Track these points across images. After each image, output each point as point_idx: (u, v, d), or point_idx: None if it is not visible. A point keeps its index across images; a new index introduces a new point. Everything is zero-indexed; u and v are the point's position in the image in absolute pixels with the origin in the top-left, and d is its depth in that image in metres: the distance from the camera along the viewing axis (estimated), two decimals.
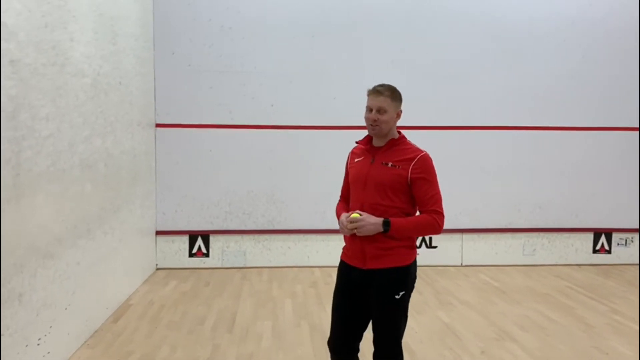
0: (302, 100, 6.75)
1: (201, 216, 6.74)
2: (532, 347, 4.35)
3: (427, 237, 6.99)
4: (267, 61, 6.71)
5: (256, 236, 6.84)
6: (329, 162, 6.34)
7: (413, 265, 2.82)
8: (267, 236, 6.86)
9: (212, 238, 6.79)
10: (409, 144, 2.89)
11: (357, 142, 3.02)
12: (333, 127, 6.71)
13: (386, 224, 2.67)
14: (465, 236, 7.04)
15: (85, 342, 4.34)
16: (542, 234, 7.11)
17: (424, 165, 2.78)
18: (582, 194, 7.08)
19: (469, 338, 4.54)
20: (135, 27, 5.74)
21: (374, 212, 2.74)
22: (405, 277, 2.78)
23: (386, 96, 2.84)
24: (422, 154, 2.82)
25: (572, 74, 6.98)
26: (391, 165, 2.79)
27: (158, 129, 6.62)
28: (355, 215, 2.71)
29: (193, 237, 6.77)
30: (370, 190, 2.78)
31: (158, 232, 6.68)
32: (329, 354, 4.15)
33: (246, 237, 6.83)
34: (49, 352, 3.69)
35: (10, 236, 3.17)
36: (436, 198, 2.75)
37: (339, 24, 6.75)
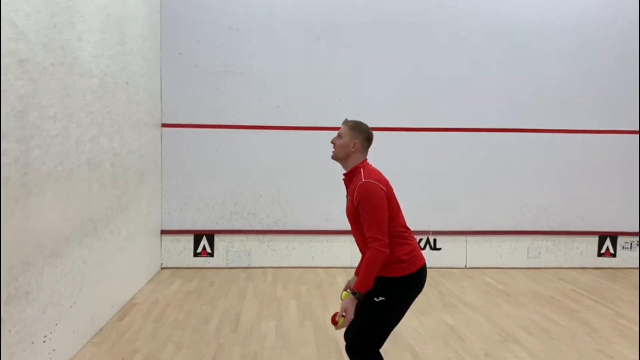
0: (307, 101, 6.76)
1: (206, 216, 6.76)
2: (537, 350, 4.35)
3: (431, 240, 6.99)
4: (273, 62, 6.73)
5: (261, 236, 6.86)
6: (334, 163, 6.33)
7: (402, 280, 2.88)
8: (271, 237, 6.88)
9: (217, 238, 6.82)
10: (360, 173, 2.93)
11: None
12: (338, 128, 6.69)
13: (355, 295, 2.80)
14: (470, 238, 7.04)
15: (90, 340, 4.37)
16: (547, 236, 7.10)
17: (360, 194, 2.84)
18: (588, 197, 7.07)
19: (473, 340, 4.54)
20: (142, 27, 5.77)
21: (359, 241, 2.99)
22: (389, 286, 2.86)
23: (346, 125, 3.07)
24: (360, 182, 2.87)
25: (579, 77, 6.97)
26: (350, 199, 2.95)
27: (164, 129, 6.65)
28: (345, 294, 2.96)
29: (198, 236, 6.79)
30: (351, 224, 3.01)
31: (163, 232, 6.71)
32: (332, 355, 4.18)
33: (251, 237, 6.85)
34: (54, 350, 3.71)
35: (18, 234, 3.19)
36: (369, 224, 2.80)
37: (344, 26, 6.76)
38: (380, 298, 2.83)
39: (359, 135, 3.03)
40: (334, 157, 3.09)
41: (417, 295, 2.98)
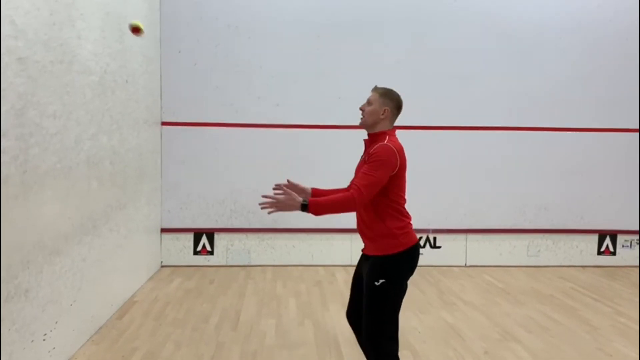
0: (307, 99, 6.76)
1: (206, 214, 6.76)
2: (536, 349, 4.35)
3: (431, 238, 6.99)
4: (273, 60, 6.72)
5: (261, 235, 6.86)
6: (334, 161, 6.36)
7: (398, 257, 2.89)
8: (271, 235, 6.88)
9: (216, 236, 6.82)
10: (385, 137, 2.93)
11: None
12: (338, 127, 6.72)
13: (304, 206, 2.76)
14: (470, 237, 7.04)
15: (90, 338, 4.37)
16: (546, 235, 7.10)
17: (375, 151, 2.83)
18: (587, 195, 7.07)
19: (472, 339, 4.54)
20: (142, 25, 5.75)
21: (365, 210, 2.94)
22: (386, 266, 2.86)
23: (376, 92, 3.03)
24: (382, 143, 2.87)
25: (579, 75, 6.96)
26: (365, 159, 2.94)
27: (164, 127, 6.65)
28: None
29: (198, 235, 6.79)
30: None
31: (163, 230, 6.71)
32: (332, 353, 4.18)
33: (251, 235, 6.85)
34: (54, 348, 3.71)
35: (17, 232, 3.19)
36: (364, 176, 2.79)
37: (345, 24, 6.75)
38: (381, 281, 2.84)
39: (389, 102, 3.01)
40: (363, 124, 3.03)
41: (412, 274, 2.99)
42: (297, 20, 6.72)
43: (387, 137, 2.93)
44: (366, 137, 3.07)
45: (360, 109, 3.03)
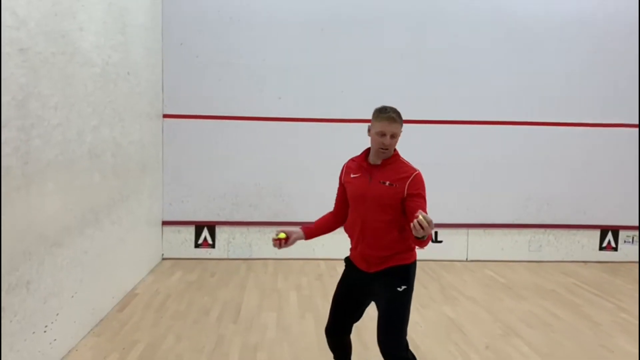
0: (309, 93, 6.73)
1: (208, 207, 6.75)
2: (538, 344, 4.35)
3: (432, 232, 6.96)
4: (275, 54, 6.70)
5: (262, 228, 6.85)
6: (336, 155, 6.30)
7: (413, 265, 3.03)
8: (273, 228, 6.83)
9: (218, 229, 6.81)
10: (403, 162, 3.01)
11: (352, 159, 3.16)
12: (340, 120, 6.69)
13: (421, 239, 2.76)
14: (472, 231, 7.03)
15: (91, 330, 4.38)
16: (548, 230, 7.08)
17: (419, 184, 2.92)
18: (590, 190, 7.05)
19: (474, 333, 4.54)
20: (144, 17, 5.74)
21: (375, 226, 2.93)
22: (407, 273, 2.99)
23: (399, 123, 2.95)
24: (416, 172, 2.95)
25: (583, 70, 6.93)
26: (389, 184, 2.91)
27: (166, 119, 6.63)
28: (282, 235, 3.06)
29: (199, 228, 6.79)
30: (371, 206, 2.94)
31: (164, 223, 6.71)
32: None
33: (252, 229, 6.85)
34: (55, 340, 3.72)
35: (19, 224, 3.19)
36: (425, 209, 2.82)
37: (348, 18, 6.72)
38: (403, 287, 2.94)
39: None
40: (387, 156, 2.97)
41: None
42: (299, 14, 6.69)
43: (403, 159, 3.03)
44: (356, 158, 3.11)
45: (387, 144, 2.90)
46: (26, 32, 3.25)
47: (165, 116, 6.62)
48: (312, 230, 3.31)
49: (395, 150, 3.01)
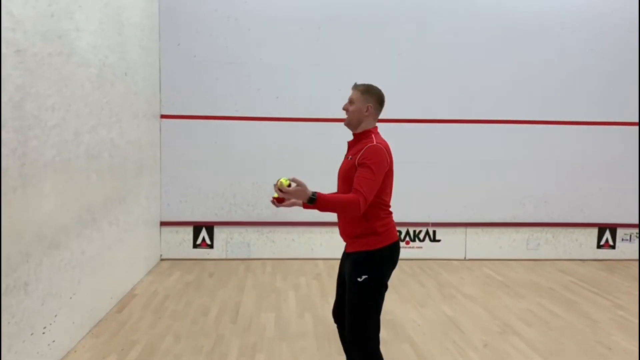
0: (307, 92, 6.73)
1: (206, 207, 6.75)
2: (536, 341, 4.35)
3: (430, 231, 6.99)
4: (272, 53, 6.69)
5: (260, 228, 6.85)
6: (334, 154, 6.31)
7: (381, 252, 2.90)
8: (271, 228, 6.87)
9: (216, 229, 6.81)
10: (371, 137, 2.92)
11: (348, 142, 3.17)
12: (338, 120, 6.63)
13: (311, 199, 2.72)
14: (470, 230, 7.04)
15: (89, 331, 4.37)
16: (546, 228, 7.10)
17: (368, 153, 2.82)
18: (588, 188, 7.06)
19: (472, 331, 4.54)
20: (141, 17, 5.73)
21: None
22: (368, 261, 2.87)
23: (357, 90, 3.02)
24: (371, 144, 2.86)
25: (580, 68, 6.94)
26: (350, 158, 2.94)
27: (163, 120, 6.62)
28: (283, 181, 2.74)
29: (197, 228, 6.79)
30: (339, 180, 3.04)
31: (162, 223, 6.70)
32: (332, 346, 4.18)
33: (250, 228, 6.85)
34: (54, 341, 3.71)
35: (16, 225, 3.18)
36: (365, 181, 2.77)
37: (345, 16, 6.72)
38: (364, 277, 2.85)
39: (371, 98, 3.00)
40: (347, 124, 3.05)
41: (393, 270, 3.00)
42: (297, 12, 6.68)
43: (373, 135, 2.93)
44: (350, 139, 3.08)
45: (344, 108, 3.04)
46: (22, 33, 3.24)
47: (162, 116, 6.62)
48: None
49: (371, 129, 2.99)
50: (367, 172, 2.78)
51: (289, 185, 2.73)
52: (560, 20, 6.87)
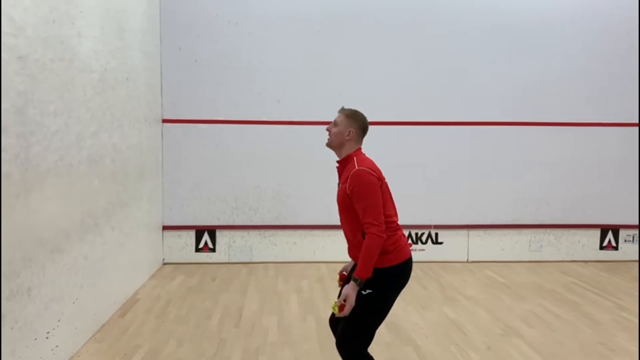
0: (308, 95, 6.74)
1: (208, 211, 6.76)
2: (538, 343, 4.35)
3: (433, 234, 6.99)
4: (273, 56, 6.71)
5: (262, 231, 6.86)
6: (335, 157, 6.32)
7: (387, 271, 2.88)
8: (273, 231, 6.88)
9: (218, 233, 6.82)
10: (353, 162, 2.94)
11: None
12: None
13: (358, 282, 2.77)
14: (472, 232, 7.04)
15: (93, 335, 4.38)
16: (548, 230, 7.09)
17: (353, 182, 2.84)
18: (590, 190, 7.05)
19: (474, 333, 4.54)
20: (142, 22, 5.75)
21: (344, 227, 3.01)
22: (376, 277, 2.84)
23: (343, 113, 3.10)
24: (353, 170, 2.87)
25: (580, 69, 6.94)
26: (341, 186, 2.96)
27: (165, 124, 6.64)
28: (334, 307, 2.82)
29: (200, 232, 6.79)
30: (339, 210, 3.02)
31: (165, 227, 6.71)
32: (334, 349, 4.18)
33: (252, 232, 6.85)
34: (57, 346, 3.72)
35: (19, 230, 3.19)
36: (365, 210, 2.81)
37: (344, 19, 6.73)
38: (368, 291, 2.84)
39: (354, 123, 3.04)
40: (329, 145, 3.11)
41: (402, 289, 2.99)
42: (297, 16, 6.70)
43: (355, 159, 2.94)
44: (337, 164, 3.11)
45: (327, 129, 3.11)
46: (24, 39, 3.26)
47: (164, 121, 6.63)
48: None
49: (353, 153, 3.00)
50: (362, 202, 2.81)
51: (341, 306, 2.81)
52: (560, 21, 6.88)
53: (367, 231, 2.78)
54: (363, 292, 2.83)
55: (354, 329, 2.89)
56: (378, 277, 2.85)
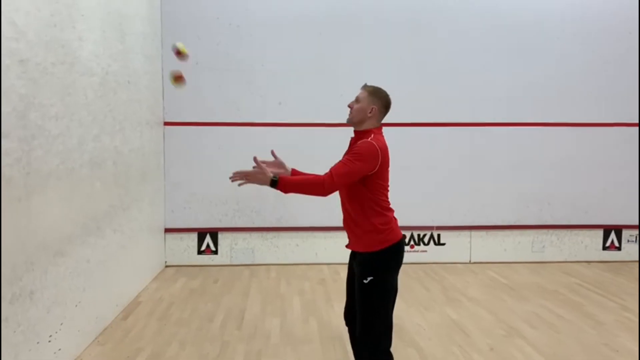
0: (309, 97, 6.74)
1: (210, 214, 6.76)
2: (541, 344, 4.34)
3: (435, 235, 6.98)
4: (274, 59, 6.71)
5: (264, 233, 6.86)
6: (337, 158, 6.31)
7: (383, 253, 2.91)
8: (275, 233, 6.87)
9: (220, 235, 6.82)
10: (370, 135, 2.95)
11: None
12: (341, 125, 6.67)
13: (273, 181, 2.83)
14: (474, 233, 7.03)
15: (95, 339, 4.38)
16: (551, 230, 7.08)
17: (358, 146, 2.88)
18: (592, 190, 7.04)
19: (477, 335, 4.53)
20: (143, 25, 5.76)
21: (344, 196, 3.02)
22: (373, 262, 2.89)
23: (365, 90, 3.04)
24: (366, 139, 2.90)
25: (582, 69, 6.93)
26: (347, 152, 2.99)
27: (166, 127, 6.65)
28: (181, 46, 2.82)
29: (202, 234, 6.80)
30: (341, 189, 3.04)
31: (167, 230, 6.72)
32: (337, 351, 4.18)
33: (254, 234, 6.85)
34: (60, 349, 3.72)
35: (21, 234, 3.20)
36: (341, 165, 2.84)
37: (346, 21, 6.74)
38: (369, 278, 2.86)
39: (377, 100, 3.02)
40: (350, 121, 3.07)
41: (399, 268, 3.00)
42: (298, 18, 6.71)
43: (373, 135, 2.95)
44: (352, 136, 3.11)
45: (349, 106, 3.07)
46: (25, 43, 3.27)
47: (165, 124, 6.64)
48: (297, 174, 3.42)
49: (372, 129, 3.00)
50: (347, 159, 2.85)
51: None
52: (561, 22, 6.87)
53: (324, 175, 2.83)
54: (365, 281, 2.86)
55: (369, 319, 2.89)
56: (375, 261, 2.89)
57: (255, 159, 2.80)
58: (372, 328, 2.89)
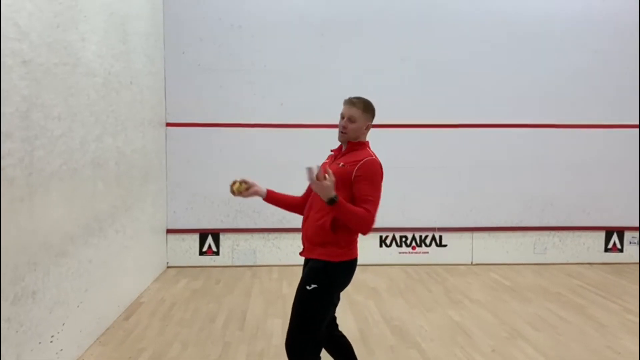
0: (311, 98, 6.74)
1: (211, 214, 6.76)
2: (544, 346, 4.33)
3: (437, 236, 6.96)
4: (276, 60, 6.72)
5: (266, 234, 6.85)
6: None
7: (338, 266, 2.86)
8: (276, 234, 6.87)
9: (222, 236, 6.82)
10: (366, 150, 2.97)
11: (331, 150, 3.19)
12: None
13: (332, 200, 2.70)
14: (476, 234, 7.02)
15: (97, 339, 4.38)
16: (553, 232, 7.07)
17: (367, 167, 2.85)
18: (594, 191, 7.03)
19: (479, 337, 4.52)
20: (145, 26, 5.77)
21: (319, 204, 2.86)
22: (323, 272, 2.85)
23: (358, 107, 2.96)
24: (369, 157, 2.89)
25: (584, 71, 6.92)
26: (342, 165, 2.93)
27: (169, 128, 6.65)
28: (239, 185, 2.83)
29: (203, 235, 6.80)
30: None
31: (169, 230, 6.72)
32: None
33: (256, 235, 6.85)
34: (61, 349, 3.72)
35: (23, 234, 3.20)
36: (370, 200, 2.80)
37: (348, 22, 6.74)
38: (313, 286, 2.83)
39: (370, 117, 3.03)
40: (344, 140, 3.01)
41: (344, 288, 2.97)
42: (300, 19, 6.71)
43: (368, 148, 2.99)
44: (335, 150, 3.12)
45: (344, 126, 2.96)
46: (28, 44, 3.27)
47: (168, 124, 6.65)
48: (275, 196, 3.43)
49: (366, 142, 3.02)
50: (372, 190, 2.81)
51: (247, 189, 3.05)
52: (562, 23, 6.87)
53: (367, 214, 2.76)
54: (308, 287, 2.83)
55: (300, 330, 2.85)
56: (326, 271, 2.85)
57: (314, 171, 2.70)
58: (297, 342, 2.84)
